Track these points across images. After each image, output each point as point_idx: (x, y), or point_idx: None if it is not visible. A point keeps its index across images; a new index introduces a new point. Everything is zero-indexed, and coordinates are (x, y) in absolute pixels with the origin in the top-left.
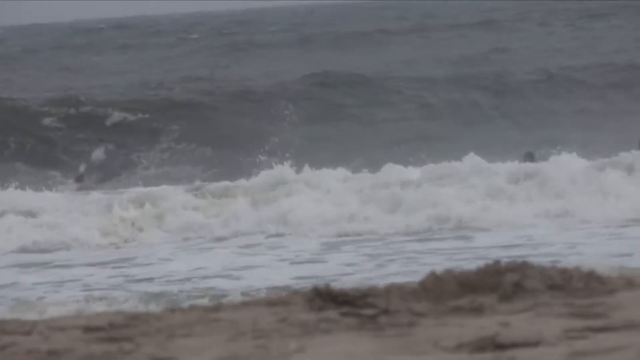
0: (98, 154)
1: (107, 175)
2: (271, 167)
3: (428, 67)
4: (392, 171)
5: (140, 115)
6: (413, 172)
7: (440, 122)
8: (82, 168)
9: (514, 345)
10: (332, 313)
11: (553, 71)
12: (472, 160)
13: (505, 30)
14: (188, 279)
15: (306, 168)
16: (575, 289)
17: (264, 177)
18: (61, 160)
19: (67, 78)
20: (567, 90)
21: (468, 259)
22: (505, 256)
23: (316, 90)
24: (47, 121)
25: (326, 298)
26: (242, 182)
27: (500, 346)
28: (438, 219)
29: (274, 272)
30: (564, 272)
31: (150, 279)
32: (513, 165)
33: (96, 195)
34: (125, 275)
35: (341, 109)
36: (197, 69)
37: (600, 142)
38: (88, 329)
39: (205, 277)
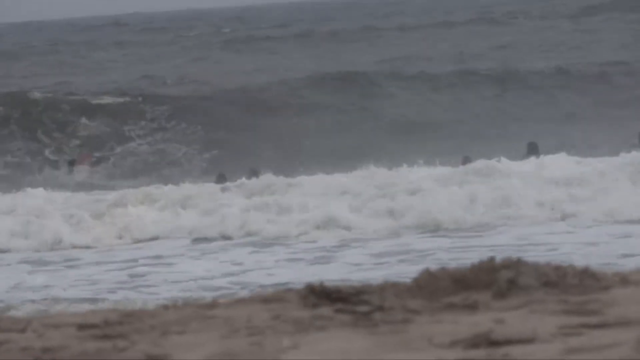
0: (92, 134)
1: (102, 157)
2: (270, 163)
3: (428, 63)
4: (394, 172)
5: (135, 102)
6: (416, 172)
7: (441, 118)
8: (76, 151)
9: (508, 342)
10: (326, 310)
11: (554, 66)
12: (478, 160)
13: (505, 26)
14: (195, 280)
15: (306, 166)
16: (570, 286)
17: (264, 176)
18: (53, 139)
19: (65, 73)
20: (568, 84)
21: (474, 258)
22: (513, 255)
23: (315, 86)
24: (39, 104)
25: (320, 295)
26: (242, 182)
27: (494, 343)
28: (442, 219)
29: (283, 272)
30: (558, 269)
31: (157, 279)
32: (519, 164)
33: (97, 194)
34: (132, 275)
35: (340, 105)
36: (196, 65)
37: (601, 136)
38: (82, 327)
39: (213, 277)
